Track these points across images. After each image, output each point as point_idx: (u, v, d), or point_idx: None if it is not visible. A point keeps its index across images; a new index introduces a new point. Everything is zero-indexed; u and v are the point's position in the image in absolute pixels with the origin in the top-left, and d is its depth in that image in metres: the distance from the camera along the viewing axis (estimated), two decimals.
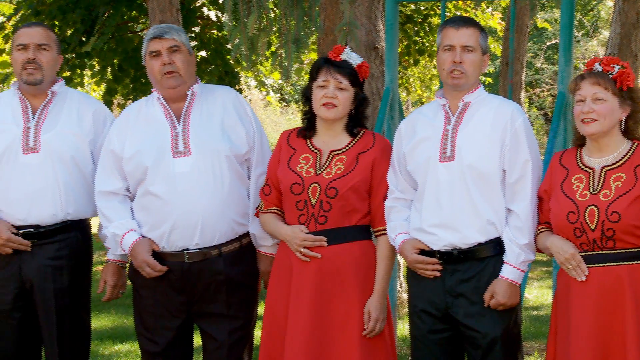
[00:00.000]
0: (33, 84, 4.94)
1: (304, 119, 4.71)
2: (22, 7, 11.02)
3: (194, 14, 11.24)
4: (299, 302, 4.51)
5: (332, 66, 4.56)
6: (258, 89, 15.49)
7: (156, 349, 4.84)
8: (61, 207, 4.91)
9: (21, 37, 4.97)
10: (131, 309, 5.00)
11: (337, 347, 4.50)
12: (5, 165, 4.89)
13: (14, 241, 4.88)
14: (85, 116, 5.02)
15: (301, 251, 4.53)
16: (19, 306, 4.95)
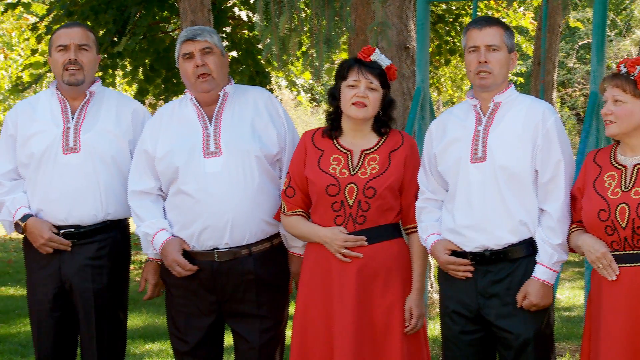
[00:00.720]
0: (75, 84, 4.96)
1: (328, 119, 4.71)
2: (55, 7, 11.08)
3: (225, 14, 11.26)
4: (343, 303, 4.51)
5: (363, 66, 4.56)
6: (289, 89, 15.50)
7: (187, 348, 4.86)
8: (101, 207, 4.94)
9: (61, 38, 4.99)
10: (163, 308, 5.02)
11: (382, 346, 4.51)
12: (46, 165, 4.92)
13: (55, 241, 4.91)
14: (124, 116, 5.04)
15: (342, 252, 4.53)
16: (58, 305, 4.98)
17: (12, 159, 5.01)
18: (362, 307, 4.51)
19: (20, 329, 8.72)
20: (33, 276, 5.05)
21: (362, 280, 4.52)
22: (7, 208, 4.98)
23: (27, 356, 7.53)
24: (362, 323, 4.50)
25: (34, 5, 14.13)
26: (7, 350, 7.89)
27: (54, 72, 5.05)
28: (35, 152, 4.93)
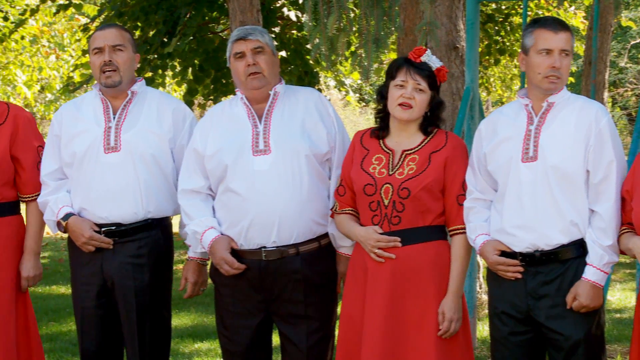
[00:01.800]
0: (112, 86, 5.00)
1: (376, 118, 4.70)
2: (106, 8, 11.17)
3: (274, 15, 11.28)
4: (374, 303, 4.50)
5: (412, 67, 4.54)
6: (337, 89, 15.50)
7: (235, 347, 4.87)
8: (142, 206, 4.96)
9: (96, 41, 5.03)
10: (211, 307, 5.05)
11: (412, 348, 4.49)
12: (88, 164, 4.96)
13: (96, 239, 4.95)
14: (165, 115, 5.06)
15: (375, 252, 4.52)
16: (101, 303, 5.01)
17: (57, 159, 5.06)
18: (394, 308, 4.49)
19: (71, 327, 8.80)
20: (76, 274, 5.10)
21: (395, 281, 4.51)
22: (50, 207, 5.04)
23: (77, 354, 7.55)
24: (392, 324, 4.48)
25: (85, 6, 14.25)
26: (58, 348, 7.97)
27: (93, 74, 5.09)
28: (78, 151, 4.98)
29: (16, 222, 5.11)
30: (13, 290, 5.03)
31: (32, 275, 5.10)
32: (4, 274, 5.02)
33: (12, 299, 5.02)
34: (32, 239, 5.13)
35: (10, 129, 5.03)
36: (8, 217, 5.07)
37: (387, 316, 4.48)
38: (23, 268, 5.08)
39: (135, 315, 4.95)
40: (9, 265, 5.04)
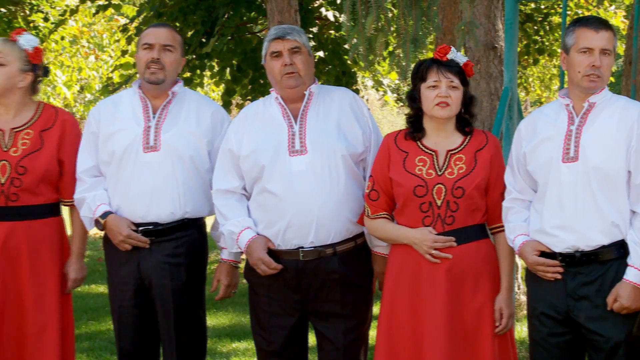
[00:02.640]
0: (155, 83, 5.01)
1: (409, 122, 4.69)
2: (145, 9, 11.22)
3: (312, 15, 11.28)
4: (434, 304, 4.49)
5: (441, 66, 4.54)
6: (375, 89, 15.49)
7: (270, 347, 4.88)
8: (179, 206, 4.98)
9: (148, 37, 5.05)
10: (247, 307, 5.05)
11: (473, 347, 4.50)
12: (126, 163, 4.99)
13: (134, 238, 4.97)
14: (204, 117, 5.08)
15: (432, 253, 4.51)
16: (138, 303, 5.04)
17: (93, 156, 5.08)
18: (453, 308, 4.49)
19: (109, 326, 8.83)
20: (114, 273, 5.13)
21: (452, 281, 4.50)
22: (87, 205, 5.06)
23: (115, 353, 7.62)
24: (453, 324, 4.48)
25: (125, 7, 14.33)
26: (97, 347, 8.01)
27: (137, 69, 5.12)
28: (117, 150, 5.00)
29: (57, 223, 5.14)
30: (58, 292, 5.06)
31: (78, 277, 5.15)
32: (50, 275, 5.05)
33: (57, 300, 5.05)
34: (78, 241, 5.18)
35: (58, 133, 5.07)
36: (50, 218, 5.11)
37: (447, 316, 4.47)
38: (70, 270, 5.12)
39: (172, 315, 4.97)
40: (54, 267, 5.07)
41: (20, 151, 5.00)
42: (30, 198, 5.01)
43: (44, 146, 5.04)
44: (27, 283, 4.97)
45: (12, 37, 5.06)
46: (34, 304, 4.98)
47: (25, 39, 5.06)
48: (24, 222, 5.00)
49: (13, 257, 4.97)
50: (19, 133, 5.03)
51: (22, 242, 4.99)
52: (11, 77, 5.01)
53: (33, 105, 5.13)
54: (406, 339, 4.55)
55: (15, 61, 5.01)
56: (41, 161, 5.02)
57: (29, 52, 5.05)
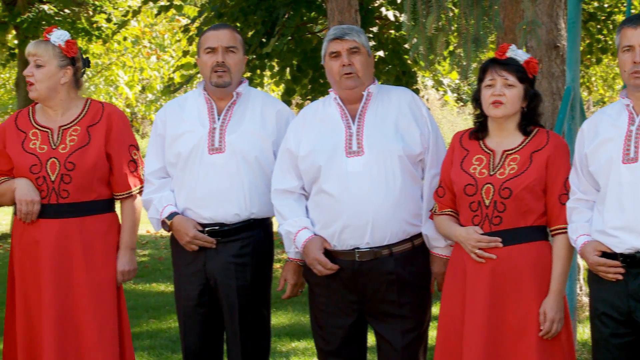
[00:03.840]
0: (222, 86, 5.03)
1: (476, 122, 4.68)
2: (206, 9, 11.29)
3: (372, 14, 11.27)
4: (474, 304, 4.47)
5: (497, 64, 4.53)
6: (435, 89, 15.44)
7: (329, 347, 4.89)
8: (245, 206, 5.00)
9: (209, 40, 5.06)
10: (307, 306, 5.06)
11: (514, 350, 4.45)
12: (192, 165, 5.01)
13: (200, 238, 5.00)
14: (269, 117, 5.09)
15: (476, 252, 4.48)
16: (203, 302, 5.06)
17: (160, 158, 5.12)
18: (494, 308, 4.46)
19: (171, 325, 8.91)
20: (179, 273, 5.16)
21: (495, 282, 4.47)
22: (154, 206, 5.09)
23: (177, 351, 7.68)
24: (493, 325, 4.45)
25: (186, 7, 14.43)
26: (158, 345, 8.07)
27: (202, 73, 5.13)
28: (183, 151, 5.03)
29: (112, 219, 5.17)
30: (114, 286, 5.10)
31: (127, 269, 5.15)
32: (106, 270, 5.07)
33: (114, 294, 5.08)
34: (127, 234, 5.18)
35: (104, 127, 5.08)
36: (105, 214, 5.13)
37: (487, 317, 4.44)
38: (119, 263, 5.14)
39: (237, 314, 4.99)
40: (110, 262, 5.10)
41: (69, 147, 5.03)
42: (81, 195, 5.03)
43: (91, 141, 5.06)
44: (83, 280, 5.00)
45: (44, 37, 5.09)
46: (91, 302, 5.00)
47: (56, 35, 5.09)
48: (76, 219, 5.03)
49: (67, 254, 5.00)
50: (67, 130, 5.07)
51: (76, 238, 5.02)
52: (52, 75, 5.03)
53: (80, 102, 5.16)
54: (457, 338, 4.53)
55: (52, 59, 5.04)
56: (89, 156, 5.04)
57: (62, 46, 5.07)
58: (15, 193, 5.00)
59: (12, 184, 5.04)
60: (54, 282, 4.97)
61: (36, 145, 5.03)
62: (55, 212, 5.00)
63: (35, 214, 4.98)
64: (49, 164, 4.99)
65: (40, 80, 5.01)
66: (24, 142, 5.04)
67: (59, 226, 5.00)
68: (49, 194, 5.00)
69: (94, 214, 5.07)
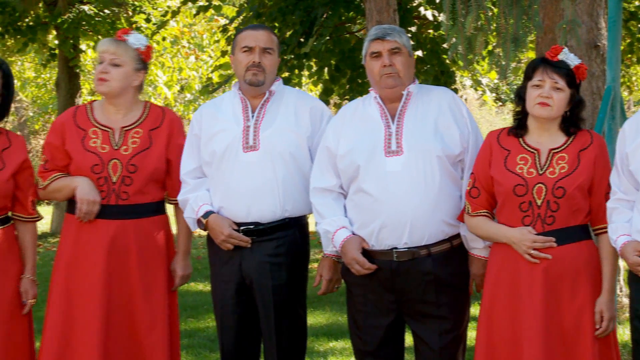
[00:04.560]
0: (256, 84, 5.04)
1: (515, 119, 4.65)
2: (245, 9, 11.32)
3: (410, 14, 11.25)
4: (531, 305, 4.45)
5: (549, 66, 4.49)
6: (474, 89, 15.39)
7: (367, 347, 4.88)
8: (280, 205, 5.00)
9: (247, 39, 5.07)
10: (345, 306, 5.06)
11: (572, 350, 4.44)
12: (227, 163, 5.02)
13: (235, 237, 5.01)
14: (303, 113, 5.09)
15: (531, 253, 4.46)
16: (239, 301, 5.07)
17: (196, 157, 5.13)
18: (551, 309, 4.43)
19: (209, 324, 8.94)
20: (216, 272, 5.17)
21: (550, 282, 4.45)
22: (190, 205, 5.11)
23: (215, 350, 7.71)
24: (550, 326, 4.42)
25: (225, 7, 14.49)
26: (197, 344, 8.10)
27: (235, 71, 5.14)
28: (217, 150, 5.05)
29: (164, 222, 5.20)
30: (167, 289, 5.13)
31: (184, 274, 5.20)
32: (158, 273, 5.12)
33: (165, 297, 5.11)
34: (184, 239, 5.23)
35: (166, 132, 5.13)
36: (157, 216, 5.16)
37: (544, 318, 4.43)
38: (177, 267, 5.18)
39: (273, 313, 5.00)
40: (161, 264, 5.14)
41: (131, 149, 5.06)
42: (140, 197, 5.06)
43: (152, 145, 5.10)
44: (137, 281, 5.03)
45: (119, 37, 5.10)
46: (144, 302, 5.03)
47: (135, 37, 5.11)
48: (132, 221, 5.05)
49: (122, 254, 5.03)
50: (129, 132, 5.10)
51: (131, 240, 5.04)
52: (127, 77, 5.06)
53: (140, 104, 5.19)
54: (505, 340, 4.50)
55: (130, 61, 5.07)
56: (151, 159, 5.08)
57: (141, 50, 5.11)
58: (77, 192, 5.02)
59: (70, 181, 5.07)
60: (106, 282, 5.00)
61: (97, 144, 5.07)
62: (113, 213, 5.03)
63: (94, 214, 5.02)
64: (110, 165, 5.03)
65: (115, 79, 5.04)
66: (84, 139, 5.08)
67: (116, 227, 5.04)
68: (109, 195, 5.04)
69: (148, 216, 5.11)
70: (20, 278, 5.04)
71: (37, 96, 25.02)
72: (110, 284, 5.00)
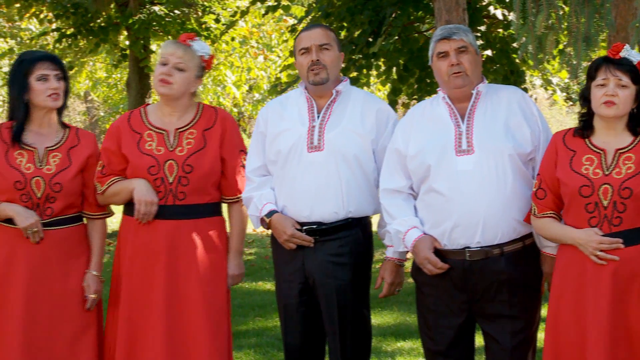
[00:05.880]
0: (319, 83, 5.05)
1: (580, 120, 4.60)
2: (313, 9, 11.34)
3: (480, 13, 11.17)
4: (597, 307, 4.40)
5: (611, 64, 4.44)
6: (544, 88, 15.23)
7: (438, 347, 4.87)
8: (343, 205, 5.01)
9: (303, 41, 5.09)
10: (413, 306, 5.06)
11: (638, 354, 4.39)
12: (291, 163, 5.05)
13: (298, 237, 5.02)
14: (368, 115, 5.09)
15: (597, 254, 4.41)
16: (303, 300, 5.10)
17: (261, 155, 5.16)
18: (617, 312, 4.38)
19: (276, 323, 8.96)
20: (280, 272, 5.20)
21: (618, 284, 4.39)
22: (254, 204, 5.13)
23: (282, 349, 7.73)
24: (617, 329, 4.37)
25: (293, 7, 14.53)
26: (265, 343, 8.13)
27: (300, 75, 5.17)
28: (282, 149, 5.07)
29: (222, 222, 5.23)
30: (224, 290, 5.16)
31: (236, 274, 5.22)
32: (219, 273, 5.14)
33: (224, 297, 5.14)
34: (236, 238, 5.24)
35: (219, 131, 5.14)
36: (216, 217, 5.19)
37: (611, 320, 4.38)
38: (229, 267, 5.19)
39: (336, 313, 5.01)
40: (219, 264, 5.16)
41: (186, 150, 5.09)
42: (196, 197, 5.09)
43: (207, 145, 5.12)
44: (193, 281, 5.05)
45: (184, 41, 5.13)
46: (202, 303, 5.04)
47: (200, 45, 5.13)
48: (189, 221, 5.08)
49: (180, 255, 5.06)
50: (183, 133, 5.13)
51: (187, 240, 5.07)
52: (189, 83, 5.10)
53: (194, 106, 5.22)
54: (571, 342, 4.47)
55: (194, 68, 5.10)
56: (206, 160, 5.10)
57: (205, 59, 5.15)
58: (134, 193, 5.07)
59: (128, 184, 5.11)
60: (166, 282, 5.04)
61: (152, 146, 5.11)
62: (171, 214, 5.07)
63: (153, 215, 5.06)
64: (166, 166, 5.07)
65: (177, 83, 5.07)
66: (139, 142, 5.12)
67: (173, 227, 5.07)
68: (166, 195, 5.07)
69: (205, 217, 5.13)
70: (85, 273, 5.10)
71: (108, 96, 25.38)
72: (170, 284, 5.04)
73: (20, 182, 4.97)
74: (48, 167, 5.02)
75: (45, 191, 4.98)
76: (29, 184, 4.97)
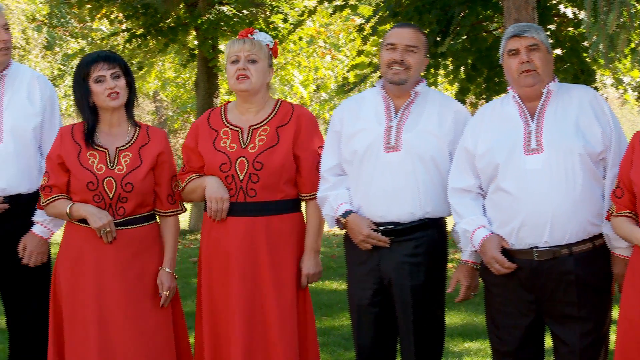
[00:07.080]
0: (397, 83, 5.04)
1: None
2: (381, 9, 11.32)
3: (549, 12, 11.08)
4: None
5: None
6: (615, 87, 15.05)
7: (506, 348, 4.84)
8: (419, 206, 4.99)
9: (391, 37, 5.08)
10: (481, 307, 5.03)
11: None
12: (367, 162, 5.04)
13: (374, 237, 5.02)
14: (446, 117, 5.08)
15: None
16: (376, 301, 5.09)
17: (336, 155, 5.17)
18: None
19: (343, 322, 8.98)
20: (353, 272, 5.19)
21: None
22: (329, 203, 5.14)
23: (349, 349, 7.74)
24: None
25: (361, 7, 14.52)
26: (331, 343, 8.14)
27: (380, 69, 5.15)
28: (359, 149, 5.06)
29: (297, 220, 5.25)
30: (295, 286, 5.18)
31: (312, 272, 5.23)
32: (289, 269, 5.17)
33: (294, 294, 5.16)
34: (312, 237, 5.26)
35: (293, 128, 5.16)
36: (291, 214, 5.21)
37: None
38: (304, 265, 5.22)
39: (411, 313, 5.00)
40: (291, 262, 5.18)
41: (257, 147, 5.13)
42: (268, 194, 5.12)
43: (279, 142, 5.14)
44: (267, 278, 5.09)
45: (246, 36, 5.14)
46: (275, 299, 5.09)
47: (262, 35, 5.18)
48: (262, 218, 5.11)
49: (252, 252, 5.10)
50: (257, 130, 5.17)
51: (261, 238, 5.10)
52: (264, 73, 5.15)
53: (272, 102, 5.25)
54: None
55: (264, 57, 5.15)
56: (277, 156, 5.12)
57: (270, 47, 5.19)
58: (206, 190, 5.13)
59: (202, 181, 5.18)
60: (241, 278, 5.09)
61: (226, 143, 5.16)
62: (243, 211, 5.11)
63: (225, 212, 5.11)
64: (238, 163, 5.11)
65: (254, 75, 5.11)
66: (215, 140, 5.17)
67: (246, 224, 5.11)
68: (237, 192, 5.11)
69: (280, 214, 5.16)
70: (158, 270, 5.15)
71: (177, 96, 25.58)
72: (245, 281, 5.08)
73: (93, 182, 5.04)
74: (119, 167, 5.08)
75: (117, 191, 5.05)
76: (101, 184, 5.04)
